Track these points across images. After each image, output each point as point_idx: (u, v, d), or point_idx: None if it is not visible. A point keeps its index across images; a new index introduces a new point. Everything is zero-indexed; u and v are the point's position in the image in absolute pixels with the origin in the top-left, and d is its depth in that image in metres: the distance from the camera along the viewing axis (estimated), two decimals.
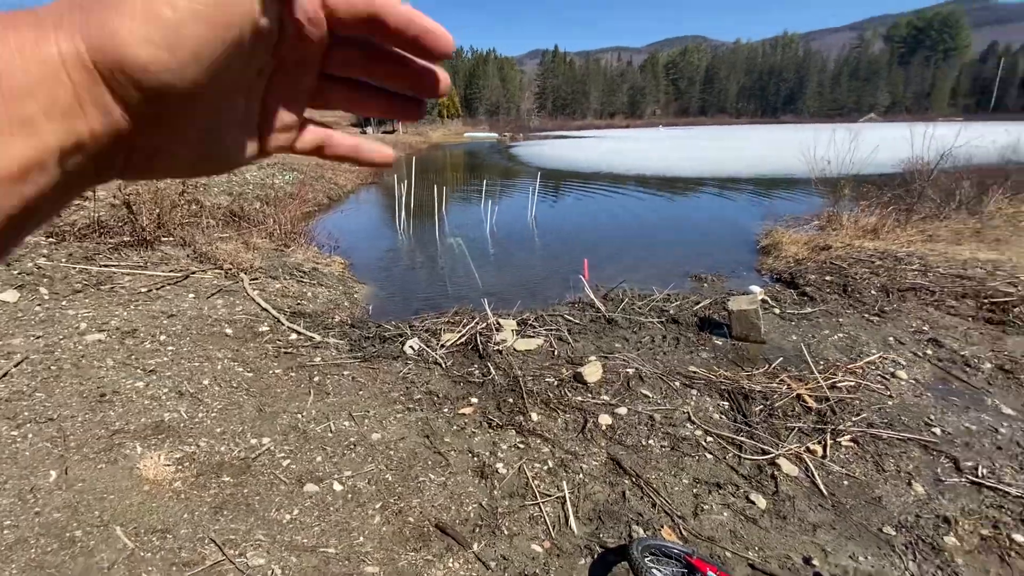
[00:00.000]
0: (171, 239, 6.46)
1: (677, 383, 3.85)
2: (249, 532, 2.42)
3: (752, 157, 22.45)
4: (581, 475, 2.92)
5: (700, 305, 5.32)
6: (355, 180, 16.52)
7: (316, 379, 3.84)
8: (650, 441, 3.21)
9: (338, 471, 2.86)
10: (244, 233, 7.44)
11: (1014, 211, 8.60)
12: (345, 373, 3.95)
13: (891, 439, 3.15)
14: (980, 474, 2.87)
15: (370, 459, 2.98)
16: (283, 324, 4.72)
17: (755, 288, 5.69)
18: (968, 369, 3.96)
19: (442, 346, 4.42)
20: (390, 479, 2.83)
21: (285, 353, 4.22)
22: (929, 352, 4.21)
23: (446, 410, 3.51)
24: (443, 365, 4.12)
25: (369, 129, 47.11)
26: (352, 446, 3.08)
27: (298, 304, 5.35)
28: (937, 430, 3.25)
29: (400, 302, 5.93)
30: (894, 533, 2.50)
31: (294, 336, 4.53)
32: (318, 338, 4.47)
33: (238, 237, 7.21)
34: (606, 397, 3.67)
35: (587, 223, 10.92)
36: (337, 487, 2.74)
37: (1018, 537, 2.47)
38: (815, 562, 2.34)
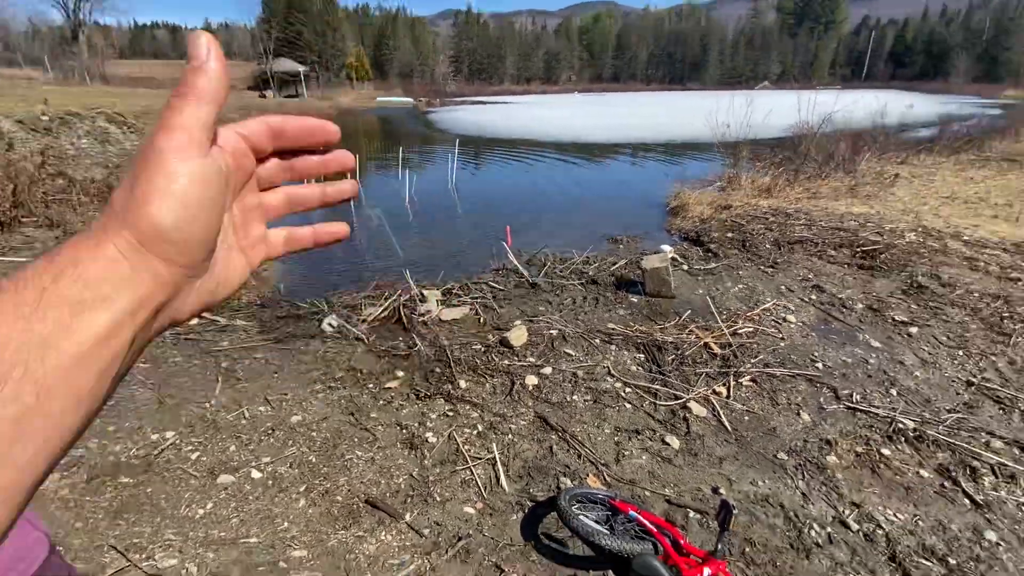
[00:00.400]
0: (34, 219, 5.61)
1: (597, 340, 4.02)
2: (156, 533, 2.23)
3: (662, 123, 23.42)
4: (510, 435, 2.98)
5: (616, 266, 5.54)
6: None
7: (224, 365, 3.56)
8: (574, 397, 3.34)
9: (255, 458, 2.70)
10: None
11: (880, 169, 9.72)
12: (257, 356, 3.70)
13: (783, 376, 3.52)
14: (854, 400, 3.30)
15: (291, 443, 2.84)
16: None
17: (665, 247, 6.01)
18: (844, 310, 4.49)
19: (363, 321, 4.26)
20: (314, 460, 2.72)
21: (186, 339, 3.86)
22: (813, 297, 4.72)
23: (371, 386, 3.42)
24: (366, 340, 3.98)
25: (269, 93, 43.12)
26: (270, 431, 2.92)
27: None
28: (820, 365, 3.68)
29: (315, 278, 5.62)
30: (786, 458, 2.82)
31: (195, 321, 4.14)
32: (223, 321, 4.13)
33: None
34: (532, 359, 3.75)
35: (508, 190, 10.90)
36: (255, 475, 2.59)
37: (886, 451, 2.88)
38: (722, 491, 2.59)
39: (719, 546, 1.98)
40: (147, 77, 42.87)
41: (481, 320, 4.39)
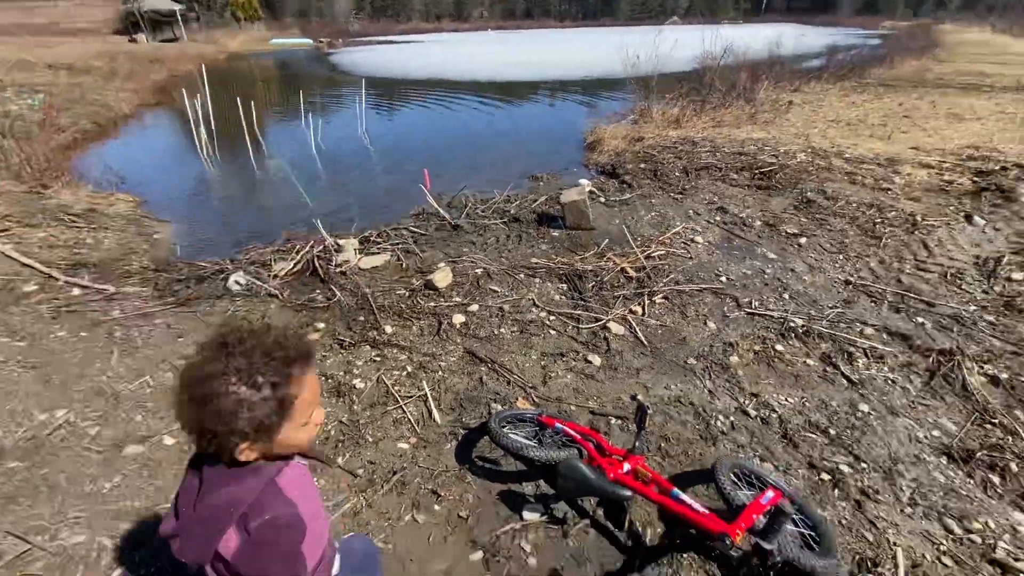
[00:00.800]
0: None
1: (521, 275, 4.07)
2: (59, 513, 2.06)
3: (577, 60, 23.13)
4: (440, 372, 3.00)
5: (537, 202, 5.56)
6: (132, 100, 13.33)
7: (119, 334, 3.24)
8: (501, 330, 3.39)
9: (167, 425, 2.53)
10: None
11: (776, 97, 10.30)
12: (157, 322, 3.40)
13: (692, 292, 3.77)
14: (753, 306, 3.62)
15: None
16: (58, 280, 3.81)
17: (583, 181, 6.10)
18: (745, 228, 4.83)
19: (275, 276, 4.01)
20: None
21: (69, 312, 3.45)
22: (718, 218, 5.03)
23: None
24: (280, 296, 3.77)
25: (141, 37, 37.14)
26: None
27: (75, 254, 4.34)
28: (724, 279, 3.98)
29: (216, 237, 5.16)
30: (695, 362, 3.08)
31: (77, 291, 3.71)
32: (112, 289, 3.73)
33: None
34: (458, 298, 3.74)
35: (424, 133, 10.43)
36: (169, 441, 2.44)
37: (779, 347, 3.21)
38: (639, 397, 2.79)
39: (637, 443, 2.15)
40: None
41: (403, 265, 4.28)
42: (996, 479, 2.30)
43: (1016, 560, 1.96)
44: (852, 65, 14.41)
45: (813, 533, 1.93)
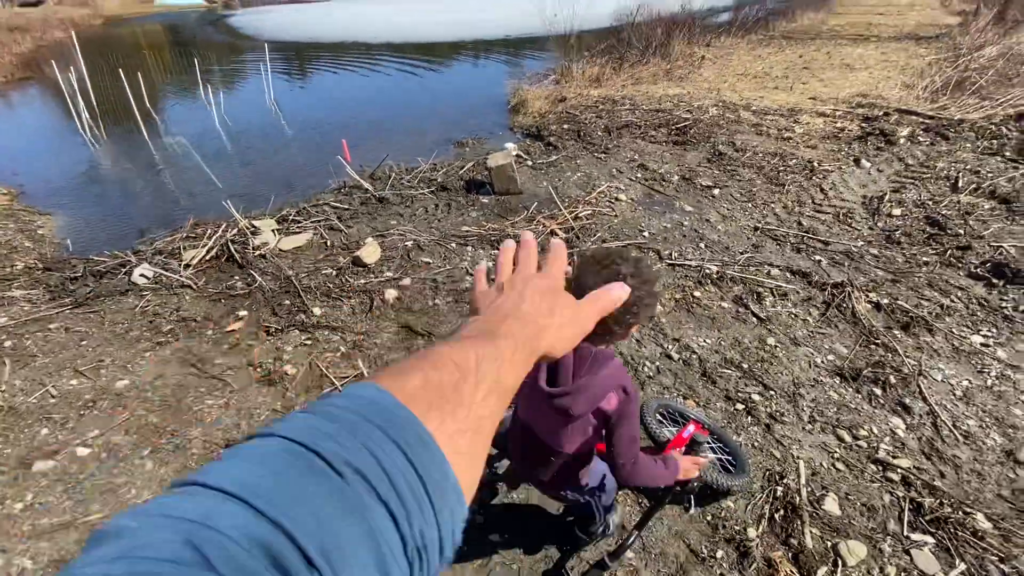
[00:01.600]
0: None
1: (453, 244, 4.04)
2: None
3: (494, 18, 22.48)
4: (376, 349, 2.97)
5: (464, 169, 5.49)
6: None
7: (8, 344, 2.93)
8: (436, 301, 3.39)
9: (78, 435, 2.36)
10: None
11: (690, 52, 10.59)
12: (53, 327, 3.09)
13: (618, 248, 3.92)
14: (673, 258, 3.83)
15: (121, 409, 2.51)
16: None
17: (509, 145, 6.06)
18: (664, 183, 5.04)
19: (187, 266, 3.74)
20: (156, 421, 2.46)
21: None
22: (639, 175, 5.20)
23: (210, 332, 3.10)
24: (194, 286, 3.53)
25: None
26: (90, 404, 2.54)
27: None
28: (647, 233, 4.16)
29: (112, 227, 4.70)
30: None
31: None
32: None
33: None
34: (389, 273, 3.67)
35: (340, 101, 9.86)
36: (82, 452, 2.27)
37: (697, 294, 3.43)
38: None
39: None
40: None
41: (328, 243, 4.12)
42: (878, 391, 2.64)
43: (894, 458, 2.29)
44: (758, 18, 15.03)
45: (730, 458, 2.15)
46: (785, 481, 2.17)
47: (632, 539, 1.69)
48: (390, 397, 0.31)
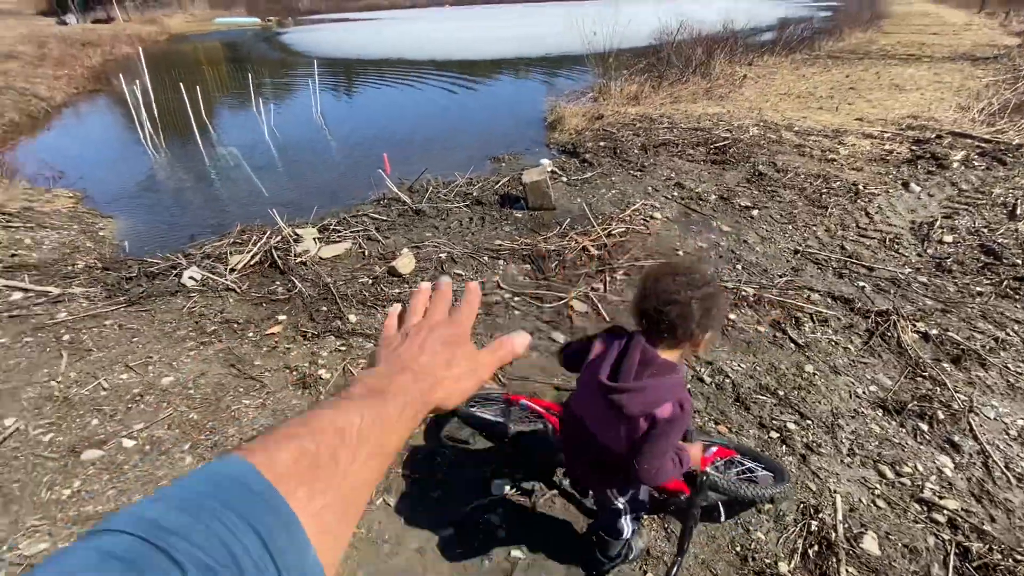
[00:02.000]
0: None
1: (485, 257, 4.09)
2: (16, 523, 2.02)
3: (537, 35, 22.84)
4: None
5: (499, 184, 5.56)
6: (64, 88, 12.49)
7: (67, 338, 3.12)
8: None
9: (125, 427, 2.48)
10: None
11: (731, 72, 10.47)
12: (108, 323, 3.28)
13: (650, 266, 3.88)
14: None
15: (165, 405, 2.63)
16: None
17: (544, 161, 6.11)
18: (701, 202, 4.97)
19: (232, 270, 3.92)
20: (196, 418, 2.57)
21: (10, 317, 3.30)
22: (675, 194, 5.15)
23: (251, 334, 3.22)
24: (238, 290, 3.69)
25: (71, 19, 34.21)
26: (138, 397, 2.67)
27: (13, 256, 4.11)
28: (681, 252, 4.10)
29: (166, 231, 4.98)
30: None
31: (18, 295, 3.53)
32: (56, 291, 3.57)
33: None
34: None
35: (383, 115, 10.19)
36: (128, 443, 2.39)
37: (732, 316, 3.35)
38: None
39: None
40: None
41: (366, 253, 4.24)
42: (925, 427, 2.50)
43: (941, 498, 2.16)
44: (802, 37, 14.75)
45: (767, 471, 2.09)
46: (820, 515, 2.08)
47: (677, 567, 1.66)
48: (256, 475, 0.30)
